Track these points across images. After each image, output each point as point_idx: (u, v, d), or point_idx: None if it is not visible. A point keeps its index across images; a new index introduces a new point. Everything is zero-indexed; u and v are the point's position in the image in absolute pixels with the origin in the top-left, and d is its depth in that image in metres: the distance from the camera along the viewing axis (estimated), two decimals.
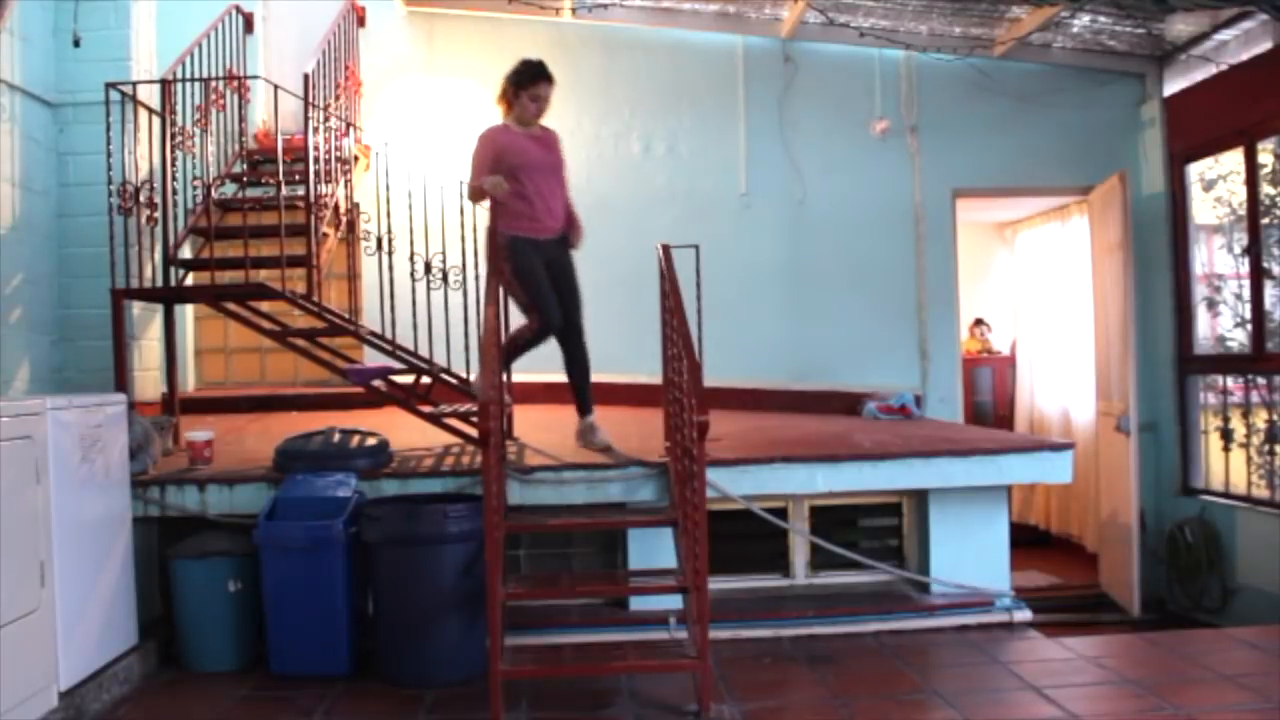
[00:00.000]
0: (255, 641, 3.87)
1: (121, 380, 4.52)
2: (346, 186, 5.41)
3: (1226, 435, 6.02)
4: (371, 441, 4.24)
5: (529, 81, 4.22)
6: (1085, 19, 6.08)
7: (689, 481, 3.46)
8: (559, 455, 4.26)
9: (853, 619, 4.27)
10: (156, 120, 4.78)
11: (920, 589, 4.51)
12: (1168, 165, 6.48)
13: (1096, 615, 6.15)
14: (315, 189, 4.72)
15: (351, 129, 5.59)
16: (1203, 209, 6.48)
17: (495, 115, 6.56)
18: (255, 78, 5.78)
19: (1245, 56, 5.87)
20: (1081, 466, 6.23)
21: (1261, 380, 5.88)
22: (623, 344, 5.55)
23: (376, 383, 4.61)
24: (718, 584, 4.13)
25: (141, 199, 4.62)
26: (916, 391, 6.46)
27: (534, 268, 4.20)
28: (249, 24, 5.99)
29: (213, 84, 5.08)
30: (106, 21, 5.07)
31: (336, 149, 5.20)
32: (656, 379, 4.49)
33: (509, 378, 4.67)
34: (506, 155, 4.22)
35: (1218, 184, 6.40)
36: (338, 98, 5.58)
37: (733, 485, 4.18)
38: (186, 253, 5.09)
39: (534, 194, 4.22)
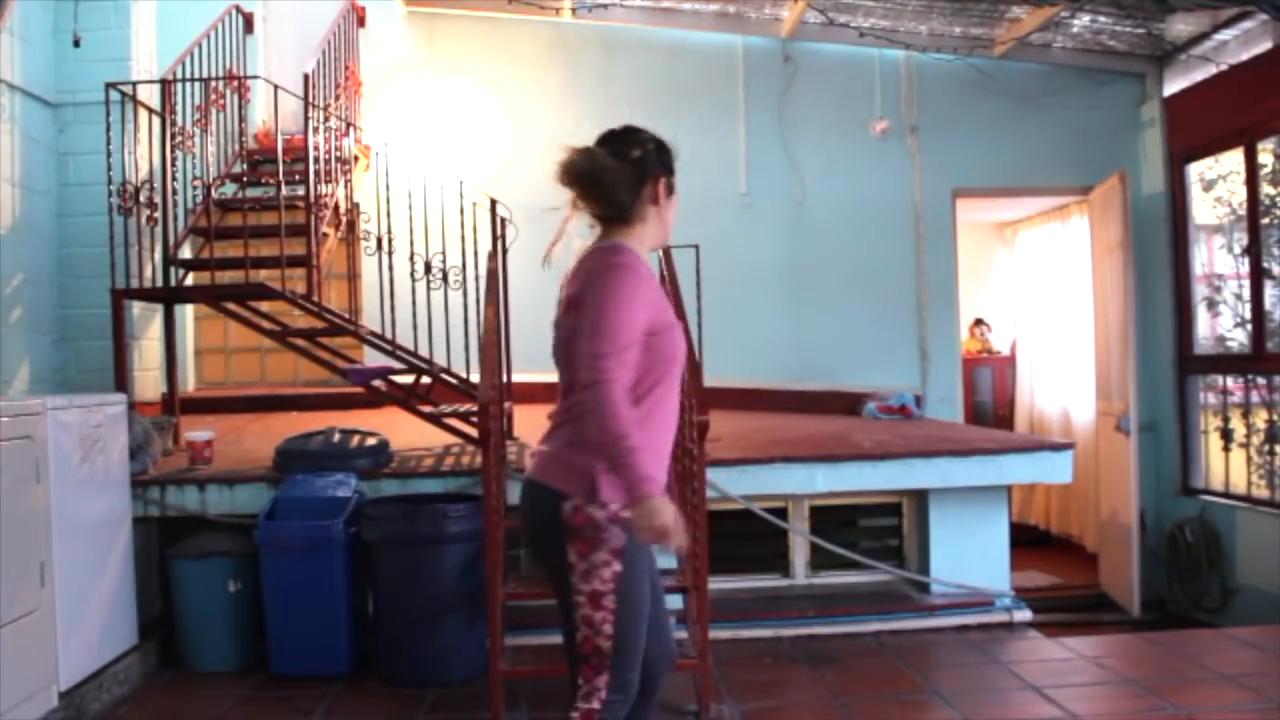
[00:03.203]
0: (255, 641, 3.87)
1: (121, 380, 4.52)
2: (346, 186, 5.41)
3: (1226, 435, 6.01)
4: (371, 441, 4.24)
5: (672, 161, 2.26)
6: (1085, 19, 6.08)
7: (689, 481, 3.46)
8: None
9: (853, 619, 4.27)
10: (156, 120, 4.78)
11: (920, 589, 4.51)
12: (1168, 165, 6.48)
13: (1096, 615, 6.15)
14: (315, 189, 4.72)
15: (351, 129, 5.59)
16: (1203, 209, 6.48)
17: (496, 115, 6.65)
18: (255, 78, 5.78)
19: (1245, 56, 5.87)
20: (1081, 466, 6.23)
21: (1261, 380, 5.88)
22: None
23: (376, 383, 4.61)
24: (718, 584, 4.13)
25: (141, 199, 4.62)
26: (916, 391, 6.46)
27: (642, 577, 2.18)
28: (249, 24, 5.99)
29: (213, 84, 5.08)
30: (106, 21, 5.07)
31: (336, 149, 5.19)
32: None
33: (509, 378, 4.67)
34: (660, 315, 2.15)
35: (1218, 184, 6.39)
36: (338, 98, 5.58)
37: (733, 485, 4.18)
38: (186, 253, 5.09)
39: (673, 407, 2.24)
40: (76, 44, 4.97)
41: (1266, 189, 5.83)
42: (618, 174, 2.15)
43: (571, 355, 2.09)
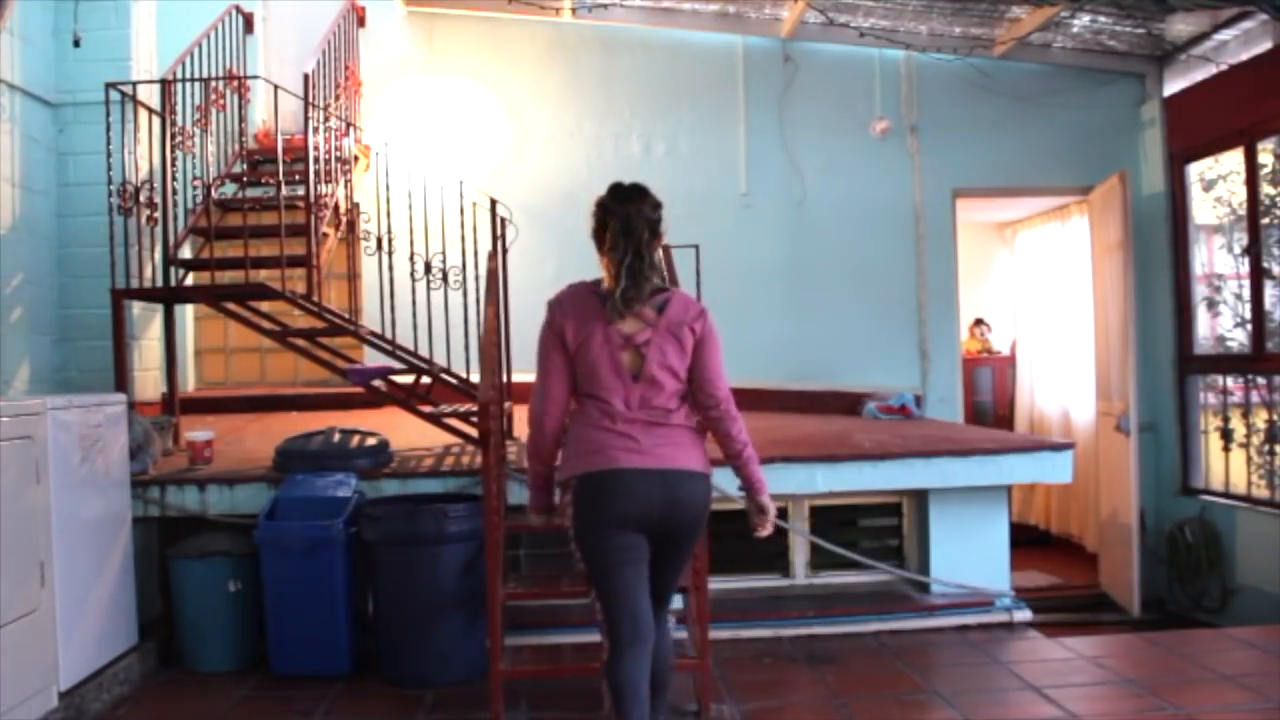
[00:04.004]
0: (255, 641, 3.87)
1: (121, 380, 4.52)
2: (346, 186, 5.41)
3: (1226, 435, 6.01)
4: (371, 441, 4.24)
5: None
6: (1085, 19, 6.08)
7: None
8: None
9: (853, 619, 4.27)
10: (156, 120, 4.78)
11: (920, 589, 4.51)
12: (1168, 165, 6.48)
13: (1096, 615, 6.15)
14: (315, 189, 4.72)
15: (351, 129, 5.59)
16: (1203, 209, 6.48)
17: (496, 115, 6.65)
18: (255, 78, 5.78)
19: (1245, 56, 5.87)
20: (1081, 466, 6.23)
21: (1261, 380, 5.88)
22: None
23: (376, 383, 4.61)
24: (718, 584, 4.12)
25: (141, 199, 4.62)
26: (916, 391, 6.46)
27: None
28: (249, 24, 5.99)
29: (213, 84, 5.08)
30: (106, 21, 5.07)
31: (336, 149, 5.19)
32: None
33: (509, 378, 4.67)
34: None
35: (1218, 184, 6.40)
36: (338, 98, 5.57)
37: (733, 485, 4.17)
38: (186, 253, 5.09)
39: None
40: (76, 44, 4.97)
41: (1266, 189, 5.83)
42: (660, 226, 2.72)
43: (671, 383, 2.65)
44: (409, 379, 4.67)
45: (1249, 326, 5.93)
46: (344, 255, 6.03)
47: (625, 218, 2.63)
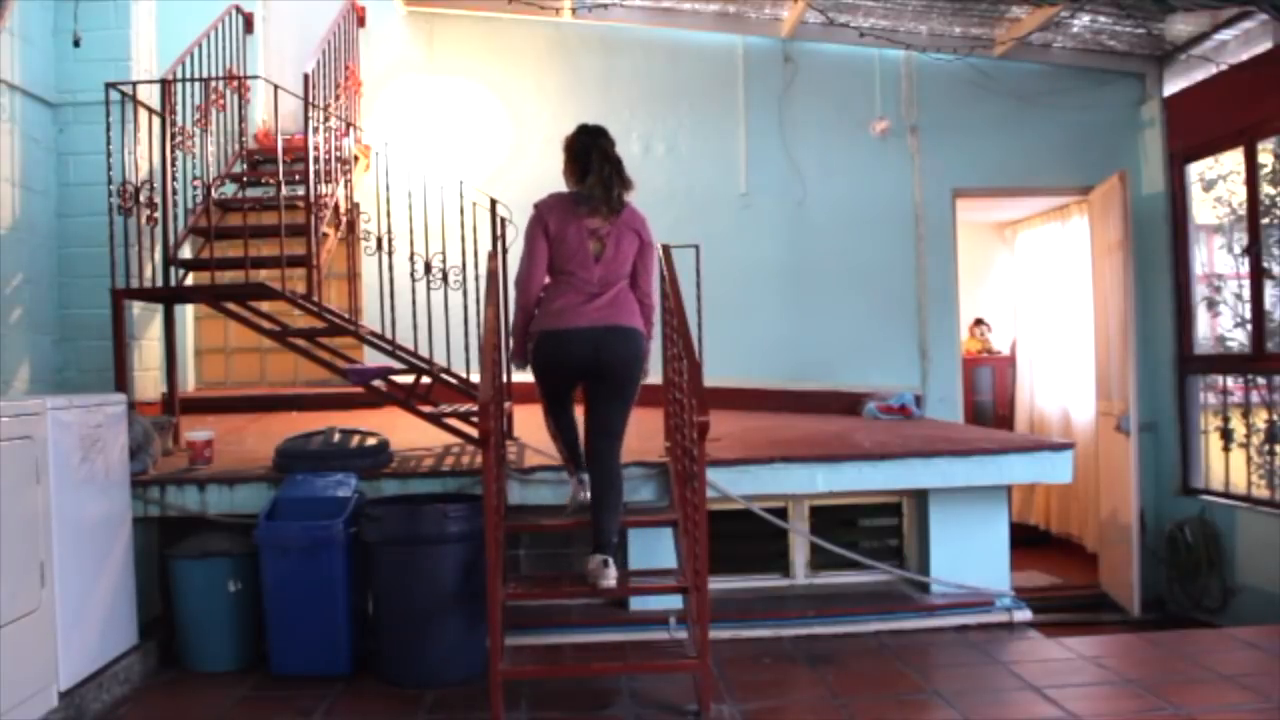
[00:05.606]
0: (255, 641, 3.87)
1: (121, 380, 4.52)
2: (346, 186, 5.41)
3: (1226, 435, 6.02)
4: (371, 441, 4.24)
5: None
6: (1085, 19, 6.08)
7: (689, 481, 3.46)
8: (559, 455, 4.26)
9: (853, 619, 4.27)
10: (156, 120, 4.78)
11: (920, 589, 4.51)
12: (1168, 165, 6.49)
13: (1096, 615, 6.15)
14: (315, 189, 4.72)
15: (351, 129, 5.59)
16: (1203, 209, 6.49)
17: (496, 115, 6.65)
18: (255, 78, 5.78)
19: (1245, 56, 5.87)
20: (1081, 466, 6.23)
21: (1261, 380, 5.88)
22: None
23: (376, 383, 4.61)
24: (718, 584, 4.13)
25: (141, 199, 4.62)
26: (916, 391, 6.46)
27: None
28: (249, 24, 5.99)
29: (213, 84, 5.08)
30: (106, 21, 5.07)
31: (336, 149, 5.19)
32: (656, 379, 4.49)
33: (509, 378, 4.67)
34: None
35: (1218, 184, 6.40)
36: (338, 98, 5.58)
37: (733, 485, 4.18)
38: (186, 253, 5.09)
39: None
40: (76, 44, 4.97)
41: (1266, 189, 5.84)
42: None
43: (625, 266, 3.59)
44: (409, 379, 4.67)
45: (1249, 326, 5.93)
46: (344, 255, 6.03)
47: (604, 149, 3.60)
